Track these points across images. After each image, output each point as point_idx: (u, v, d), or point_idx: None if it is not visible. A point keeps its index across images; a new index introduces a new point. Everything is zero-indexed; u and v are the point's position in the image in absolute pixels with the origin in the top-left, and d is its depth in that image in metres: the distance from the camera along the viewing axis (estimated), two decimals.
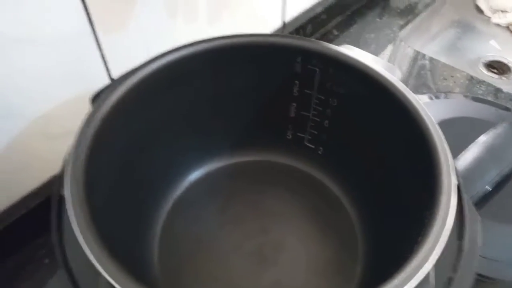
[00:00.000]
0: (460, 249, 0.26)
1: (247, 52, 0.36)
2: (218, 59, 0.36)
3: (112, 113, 0.31)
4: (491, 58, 0.72)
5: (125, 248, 0.25)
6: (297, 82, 0.38)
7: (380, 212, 0.36)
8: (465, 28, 0.79)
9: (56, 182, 0.30)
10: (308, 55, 0.36)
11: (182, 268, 0.36)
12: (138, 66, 0.33)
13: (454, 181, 0.26)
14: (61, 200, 0.29)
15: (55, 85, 0.38)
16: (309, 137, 0.42)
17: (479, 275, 0.35)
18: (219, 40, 0.35)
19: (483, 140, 0.42)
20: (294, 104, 0.40)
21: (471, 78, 0.60)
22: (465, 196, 0.28)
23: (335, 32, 0.69)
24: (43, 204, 0.42)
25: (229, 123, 0.42)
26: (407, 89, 0.31)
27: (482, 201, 0.39)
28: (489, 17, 0.79)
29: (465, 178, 0.30)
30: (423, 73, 0.61)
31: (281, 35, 0.57)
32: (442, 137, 0.28)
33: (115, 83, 0.32)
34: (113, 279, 0.22)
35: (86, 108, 0.31)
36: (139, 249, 0.36)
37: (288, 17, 0.62)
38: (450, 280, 0.24)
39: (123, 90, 0.32)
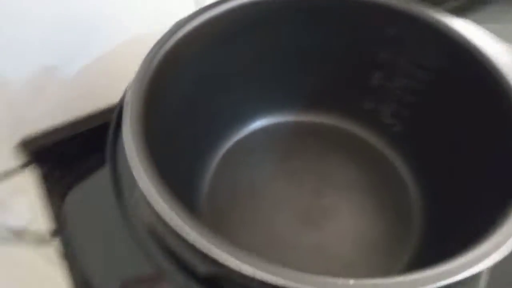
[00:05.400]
0: None
1: (338, 10, 0.34)
2: (306, 11, 0.34)
3: (178, 47, 0.30)
4: None
5: (175, 181, 0.25)
6: (386, 48, 0.35)
7: (446, 199, 0.33)
8: None
9: (116, 108, 0.29)
10: (405, 19, 0.33)
11: (227, 210, 0.36)
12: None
13: None
14: (118, 126, 0.28)
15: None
16: (387, 111, 0.38)
17: None
18: None
19: None
20: (378, 72, 0.37)
21: None
22: None
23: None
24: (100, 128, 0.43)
25: (303, 79, 0.39)
26: None
27: None
28: None
29: None
30: None
31: None
32: None
33: (194, 14, 0.31)
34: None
35: None
36: (189, 186, 0.36)
37: None
38: None
39: (196, 23, 0.31)
